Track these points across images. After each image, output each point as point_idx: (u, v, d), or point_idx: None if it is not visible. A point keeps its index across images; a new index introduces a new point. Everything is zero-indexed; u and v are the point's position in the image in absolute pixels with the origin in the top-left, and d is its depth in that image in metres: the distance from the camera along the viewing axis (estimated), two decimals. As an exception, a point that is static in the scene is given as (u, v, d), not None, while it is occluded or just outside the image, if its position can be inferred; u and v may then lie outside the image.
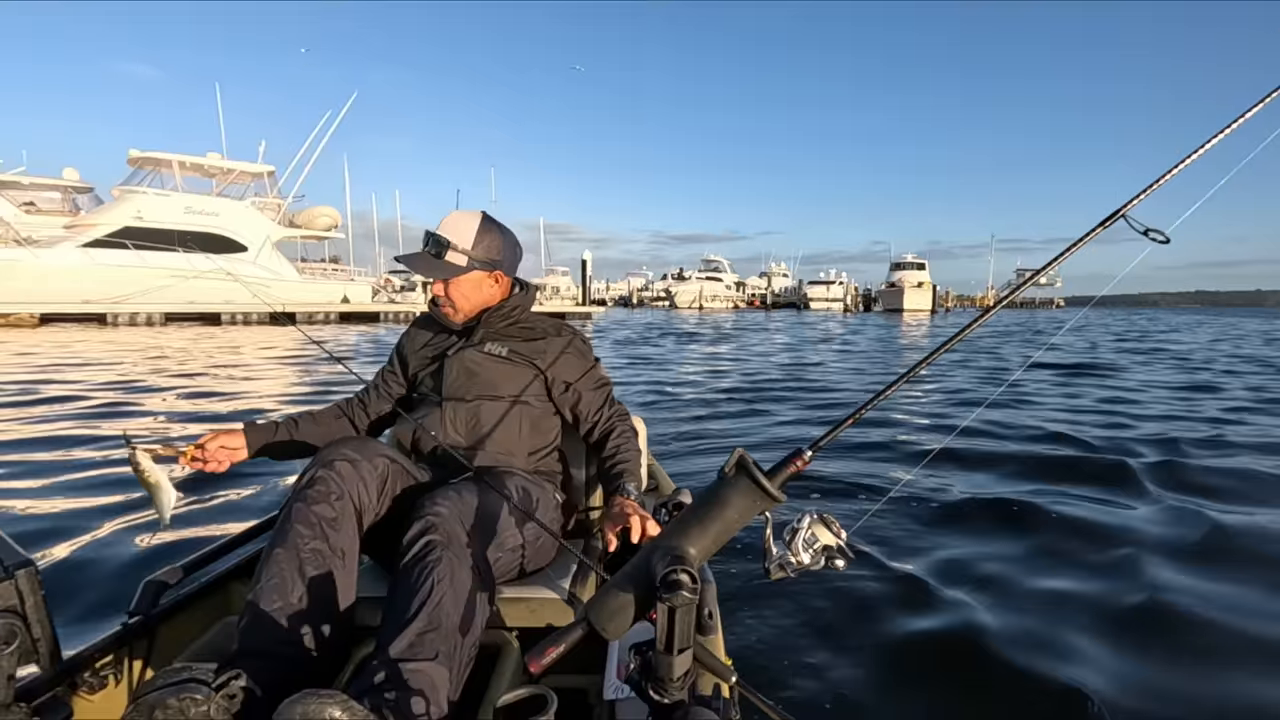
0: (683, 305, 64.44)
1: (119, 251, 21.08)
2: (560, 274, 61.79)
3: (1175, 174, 0.95)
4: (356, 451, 1.33)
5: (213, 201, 23.42)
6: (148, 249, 21.30)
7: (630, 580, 0.89)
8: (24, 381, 8.12)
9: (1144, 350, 15.80)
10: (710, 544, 0.88)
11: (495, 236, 1.62)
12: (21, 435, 5.22)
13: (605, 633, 0.88)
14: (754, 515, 0.87)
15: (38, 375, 8.73)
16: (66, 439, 5.07)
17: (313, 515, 1.22)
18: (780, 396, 8.13)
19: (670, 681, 0.89)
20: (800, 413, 6.87)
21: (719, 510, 0.88)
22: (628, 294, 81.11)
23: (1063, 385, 9.04)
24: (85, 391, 7.43)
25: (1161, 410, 6.96)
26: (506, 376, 1.61)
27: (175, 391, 7.65)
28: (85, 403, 6.75)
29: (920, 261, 63.46)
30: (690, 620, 0.87)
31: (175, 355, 11.96)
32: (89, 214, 22.32)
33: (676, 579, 0.84)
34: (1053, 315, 51.96)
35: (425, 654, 1.03)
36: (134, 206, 21.74)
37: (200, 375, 9.19)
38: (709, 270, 71.81)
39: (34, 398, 6.94)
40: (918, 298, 56.66)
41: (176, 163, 23.42)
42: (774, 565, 0.89)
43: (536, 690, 0.88)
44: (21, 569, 0.76)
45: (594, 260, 47.08)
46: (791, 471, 0.86)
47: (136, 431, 5.60)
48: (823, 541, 0.87)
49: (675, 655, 0.88)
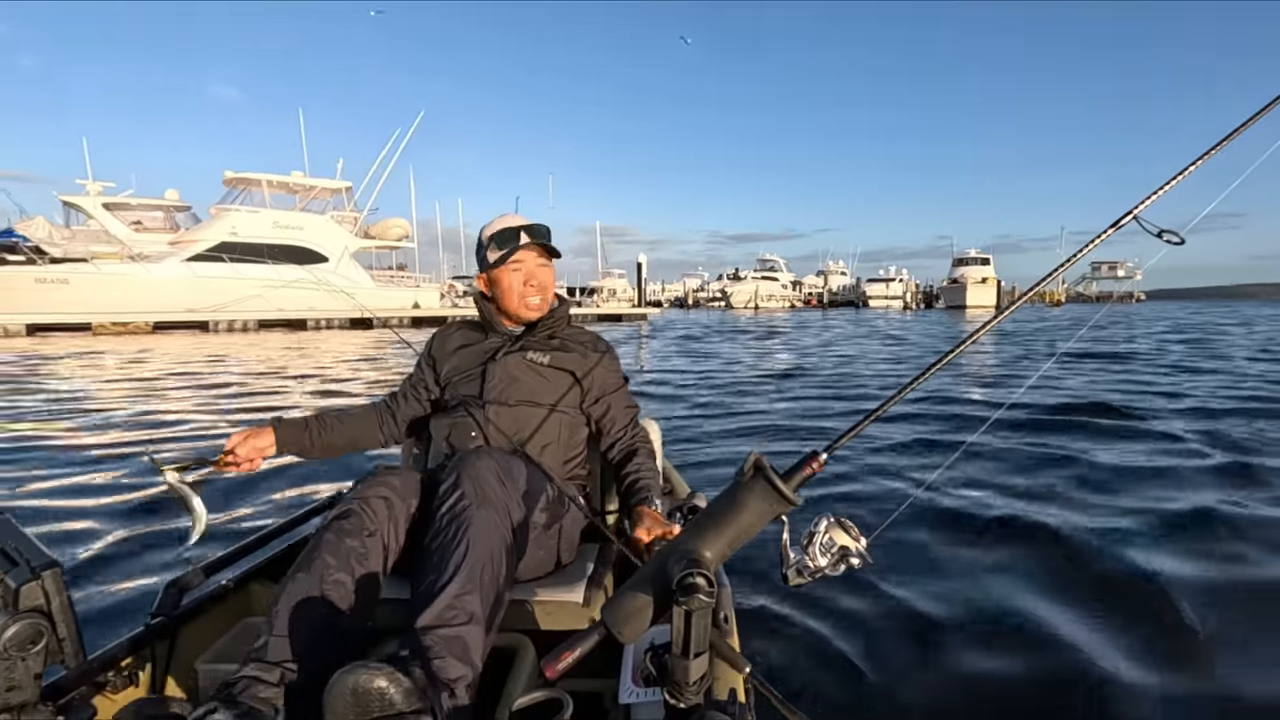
0: (738, 305, 63.65)
1: (217, 264, 22.55)
2: (617, 276, 62.06)
3: (1186, 176, 0.88)
4: (393, 490, 1.30)
5: (297, 216, 24.72)
6: (242, 261, 22.72)
7: (646, 584, 0.87)
8: (228, 380, 9.07)
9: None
10: (726, 547, 0.86)
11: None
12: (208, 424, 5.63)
13: (621, 636, 0.86)
14: (770, 519, 0.84)
15: (236, 374, 9.88)
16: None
17: (342, 548, 1.19)
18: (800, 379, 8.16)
19: (686, 685, 0.86)
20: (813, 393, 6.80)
21: (735, 514, 0.85)
22: (683, 295, 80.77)
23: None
24: (244, 381, 8.34)
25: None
26: (547, 385, 1.60)
27: (316, 378, 8.47)
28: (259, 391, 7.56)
29: (984, 256, 60.62)
30: (706, 624, 0.85)
31: (293, 353, 13.13)
32: (190, 231, 23.89)
33: (692, 582, 0.81)
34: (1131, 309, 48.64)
35: (460, 617, 1.03)
36: (229, 223, 23.20)
37: (329, 368, 10.28)
38: (764, 270, 70.53)
39: (244, 391, 7.88)
40: (981, 294, 54.13)
41: (265, 182, 24.86)
42: (791, 570, 0.85)
43: (552, 694, 0.87)
44: (47, 570, 0.77)
45: (650, 262, 47.18)
46: (807, 474, 0.82)
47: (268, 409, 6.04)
48: (840, 545, 0.82)
49: (691, 659, 0.85)
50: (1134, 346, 13.90)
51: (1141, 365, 10.42)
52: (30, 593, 0.75)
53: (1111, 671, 1.94)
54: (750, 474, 0.84)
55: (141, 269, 21.73)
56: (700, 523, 0.87)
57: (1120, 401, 6.72)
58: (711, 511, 0.87)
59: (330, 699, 0.86)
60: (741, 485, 0.84)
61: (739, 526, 0.84)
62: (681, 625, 0.83)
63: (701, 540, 0.86)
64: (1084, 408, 6.33)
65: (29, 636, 0.74)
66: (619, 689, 1.03)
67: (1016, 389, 7.92)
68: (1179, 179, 0.89)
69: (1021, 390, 7.16)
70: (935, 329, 23.79)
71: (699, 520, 0.88)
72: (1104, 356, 11.72)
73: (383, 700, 0.87)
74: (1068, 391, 7.46)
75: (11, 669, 0.74)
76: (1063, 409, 6.25)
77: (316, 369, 10.70)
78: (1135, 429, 5.46)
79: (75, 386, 8.41)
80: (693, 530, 0.87)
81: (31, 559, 0.79)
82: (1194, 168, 0.90)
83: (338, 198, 26.61)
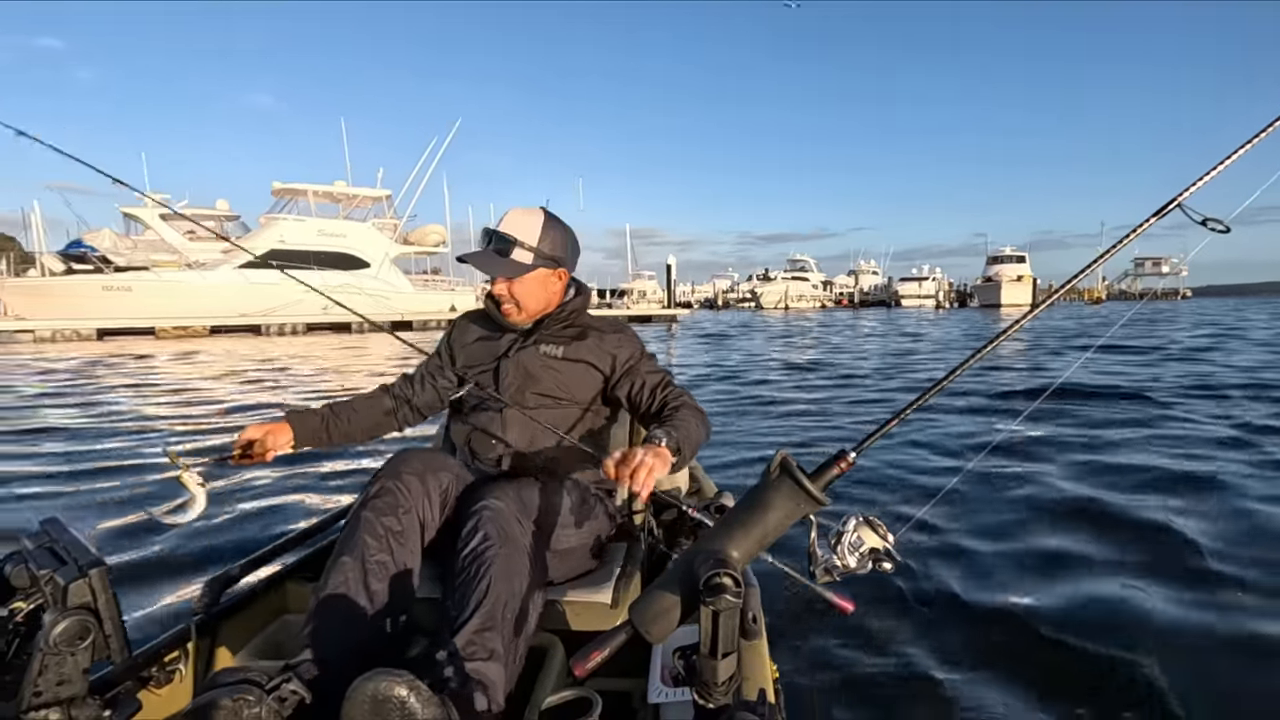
0: (768, 306, 63.00)
1: (266, 271, 23.17)
2: (647, 278, 61.93)
3: (1233, 161, 0.84)
4: (424, 465, 1.32)
5: (340, 224, 25.29)
6: (289, 268, 23.26)
7: (674, 583, 0.86)
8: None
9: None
10: (753, 547, 0.84)
11: (558, 233, 1.53)
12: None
13: (649, 635, 0.86)
14: (797, 518, 0.82)
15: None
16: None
17: (380, 527, 1.21)
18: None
19: (715, 685, 0.85)
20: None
21: (762, 513, 0.83)
22: (713, 296, 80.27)
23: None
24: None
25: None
26: (563, 378, 1.54)
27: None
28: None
29: (1019, 254, 58.80)
30: (734, 624, 0.83)
31: (349, 353, 13.71)
32: (241, 239, 24.67)
33: (719, 582, 0.80)
34: (1175, 307, 46.56)
35: (480, 654, 1.02)
36: (278, 232, 23.94)
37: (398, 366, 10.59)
38: (795, 270, 69.66)
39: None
40: (1016, 292, 52.49)
41: (310, 191, 25.59)
42: (819, 569, 0.83)
43: (581, 693, 0.86)
44: (94, 568, 0.79)
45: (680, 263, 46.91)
46: (835, 473, 0.80)
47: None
48: (869, 544, 0.80)
49: (719, 659, 0.84)
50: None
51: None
52: (78, 590, 0.77)
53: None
54: (777, 473, 0.83)
55: (197, 276, 22.59)
56: (727, 522, 0.86)
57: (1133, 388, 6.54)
58: (738, 511, 0.86)
59: (350, 706, 0.87)
60: (768, 485, 0.83)
61: (766, 526, 0.83)
62: (709, 625, 0.82)
63: (729, 540, 0.84)
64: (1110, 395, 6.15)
65: (77, 632, 0.76)
66: (648, 688, 1.02)
67: (1050, 379, 7.71)
68: (1225, 165, 0.85)
69: (1046, 394, 6.97)
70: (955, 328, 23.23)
71: (726, 520, 0.86)
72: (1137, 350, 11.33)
73: (402, 710, 0.87)
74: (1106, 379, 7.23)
75: (61, 664, 0.76)
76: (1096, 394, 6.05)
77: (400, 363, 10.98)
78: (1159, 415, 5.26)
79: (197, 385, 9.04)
80: (719, 530, 0.86)
81: (79, 558, 0.81)
82: (1240, 153, 0.85)
83: (378, 205, 27.19)
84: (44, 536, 0.86)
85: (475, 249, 1.53)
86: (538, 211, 1.53)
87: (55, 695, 0.76)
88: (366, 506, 1.24)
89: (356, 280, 23.68)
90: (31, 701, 0.76)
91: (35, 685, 0.75)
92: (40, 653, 0.75)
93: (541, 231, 1.50)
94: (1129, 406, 6.11)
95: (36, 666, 0.75)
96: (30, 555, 0.83)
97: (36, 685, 0.75)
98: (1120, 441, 4.73)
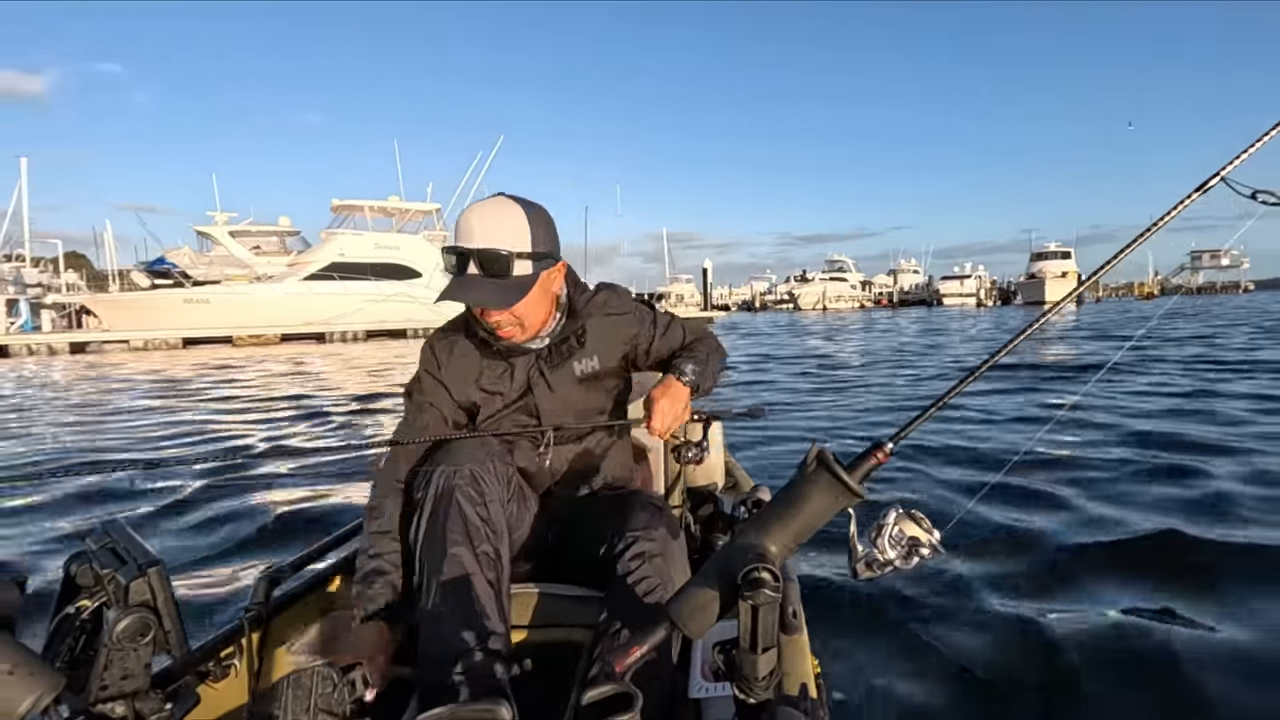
0: (806, 307, 61.94)
1: (328, 282, 24.26)
2: (684, 281, 61.75)
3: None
4: (493, 455, 1.18)
5: (394, 237, 26.18)
6: (349, 279, 24.35)
7: (712, 578, 0.83)
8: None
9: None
10: (791, 541, 0.81)
11: (543, 223, 1.22)
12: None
13: (688, 631, 0.83)
14: (835, 512, 0.79)
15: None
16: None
17: (476, 517, 1.08)
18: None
19: (755, 680, 0.82)
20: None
21: (799, 507, 0.80)
22: (750, 299, 79.45)
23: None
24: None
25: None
26: (604, 385, 1.37)
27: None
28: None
29: (1065, 250, 56.35)
30: (774, 618, 0.80)
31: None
32: (305, 253, 25.80)
33: (758, 577, 0.77)
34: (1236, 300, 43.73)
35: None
36: (338, 246, 24.91)
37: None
38: (833, 271, 68.40)
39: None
40: (1060, 289, 50.25)
41: (367, 207, 26.58)
42: (861, 564, 0.79)
43: (621, 688, 0.84)
44: (152, 567, 0.81)
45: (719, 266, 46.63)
46: (872, 465, 0.77)
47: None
48: (910, 536, 0.76)
49: (760, 654, 0.81)
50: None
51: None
52: (138, 588, 0.79)
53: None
54: (813, 466, 0.79)
55: (266, 288, 23.69)
56: (764, 516, 0.83)
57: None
58: (775, 505, 0.83)
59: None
60: (805, 478, 0.80)
61: (803, 520, 0.80)
62: (748, 620, 0.79)
63: (766, 534, 0.81)
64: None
65: (138, 629, 0.78)
66: (688, 683, 0.99)
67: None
68: (1273, 133, 0.76)
69: (1093, 380, 6.64)
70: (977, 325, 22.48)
71: (763, 514, 0.84)
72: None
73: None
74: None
75: (125, 659, 0.79)
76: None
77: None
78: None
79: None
80: (757, 524, 0.83)
81: (138, 557, 0.83)
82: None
83: (428, 219, 28.03)
84: (105, 537, 0.89)
85: (451, 276, 1.21)
86: (507, 202, 1.20)
87: (120, 689, 0.79)
88: (447, 500, 1.09)
89: (410, 289, 24.58)
90: (98, 695, 0.78)
91: (101, 679, 0.78)
92: (105, 648, 0.77)
93: (530, 228, 1.18)
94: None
95: (102, 661, 0.77)
96: (93, 555, 0.86)
97: (102, 679, 0.78)
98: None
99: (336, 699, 0.90)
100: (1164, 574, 2.36)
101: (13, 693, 0.61)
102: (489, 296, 1.17)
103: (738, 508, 1.23)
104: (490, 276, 1.16)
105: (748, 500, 1.22)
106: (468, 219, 1.18)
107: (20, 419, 7.21)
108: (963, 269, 69.48)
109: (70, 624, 0.84)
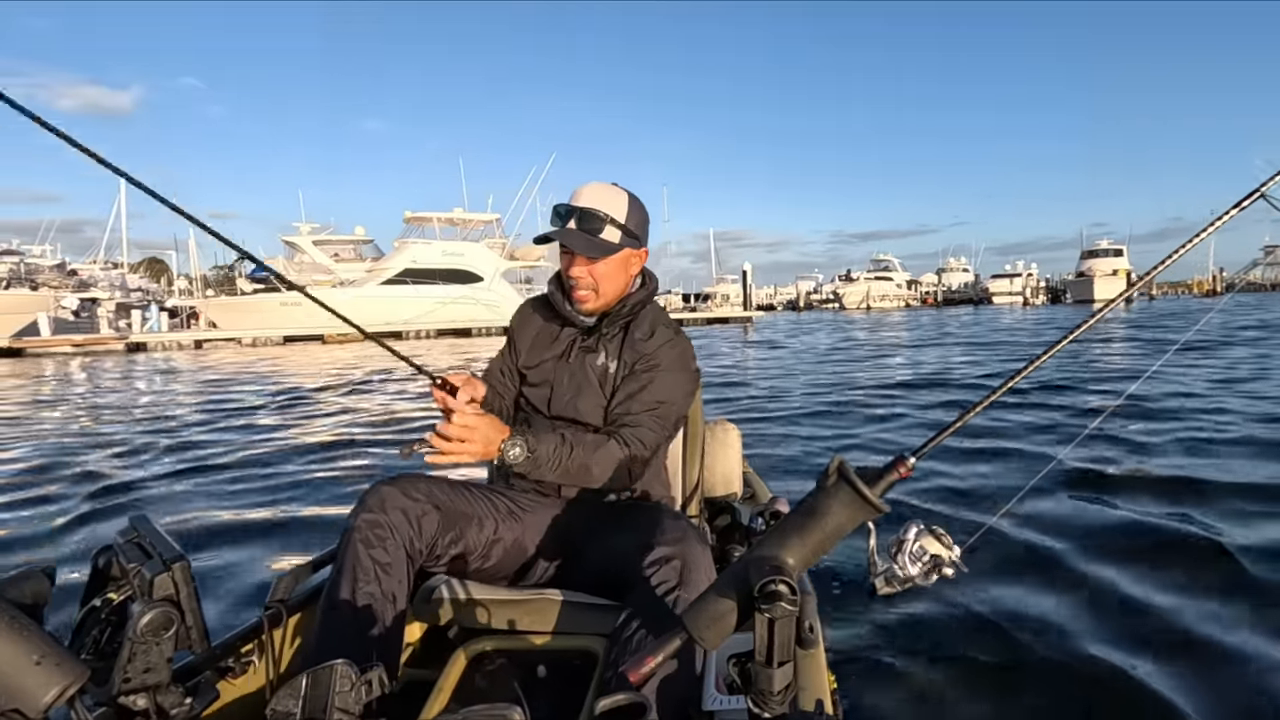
0: (851, 306, 60.20)
1: (402, 286, 25.40)
2: (730, 281, 60.93)
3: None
4: (406, 495, 1.18)
5: (459, 245, 27.22)
6: (420, 284, 25.48)
7: (728, 589, 0.77)
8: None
9: None
10: (809, 554, 0.74)
11: (641, 211, 1.32)
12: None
13: (703, 642, 0.78)
14: (855, 525, 0.71)
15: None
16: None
17: (368, 559, 1.10)
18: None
19: (771, 694, 0.76)
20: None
21: (818, 520, 0.73)
22: (795, 298, 77.83)
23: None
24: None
25: None
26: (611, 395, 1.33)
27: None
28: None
29: (1117, 248, 52.74)
30: (790, 632, 0.74)
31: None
32: (382, 260, 27.12)
33: (775, 589, 0.71)
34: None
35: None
36: (410, 254, 26.07)
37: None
38: (878, 270, 66.14)
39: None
40: (1109, 287, 47.01)
41: (435, 218, 27.73)
42: (880, 579, 0.72)
43: (635, 697, 0.79)
44: (177, 562, 0.80)
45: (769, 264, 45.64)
46: (894, 479, 0.69)
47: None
48: (931, 553, 0.68)
49: (776, 668, 0.74)
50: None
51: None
52: (162, 583, 0.78)
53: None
54: (834, 479, 0.72)
55: (347, 292, 24.95)
56: (782, 528, 0.76)
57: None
58: (794, 517, 0.76)
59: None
60: (824, 491, 0.73)
61: (822, 533, 0.73)
62: (765, 633, 0.73)
63: (784, 547, 0.75)
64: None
65: (161, 623, 0.77)
66: (702, 695, 0.93)
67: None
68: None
69: (1134, 387, 6.07)
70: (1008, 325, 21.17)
71: (781, 526, 0.77)
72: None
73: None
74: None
75: (148, 652, 0.77)
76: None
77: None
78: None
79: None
80: (775, 536, 0.77)
81: (163, 552, 0.81)
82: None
83: (489, 227, 29.01)
84: (132, 532, 0.88)
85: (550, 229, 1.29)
86: (617, 188, 1.32)
87: (142, 682, 0.77)
88: (355, 538, 1.12)
89: (473, 292, 25.68)
90: (121, 687, 0.77)
91: (125, 672, 0.76)
92: (129, 641, 0.76)
93: (628, 208, 1.29)
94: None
95: (126, 654, 0.76)
96: (120, 549, 0.85)
97: (125, 672, 0.76)
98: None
99: (354, 697, 0.88)
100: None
101: (40, 682, 0.60)
102: (578, 243, 1.26)
103: (755, 519, 1.16)
104: (584, 231, 1.26)
105: (765, 511, 1.15)
106: (580, 188, 1.30)
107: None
108: (1014, 266, 65.89)
109: (96, 616, 0.83)
